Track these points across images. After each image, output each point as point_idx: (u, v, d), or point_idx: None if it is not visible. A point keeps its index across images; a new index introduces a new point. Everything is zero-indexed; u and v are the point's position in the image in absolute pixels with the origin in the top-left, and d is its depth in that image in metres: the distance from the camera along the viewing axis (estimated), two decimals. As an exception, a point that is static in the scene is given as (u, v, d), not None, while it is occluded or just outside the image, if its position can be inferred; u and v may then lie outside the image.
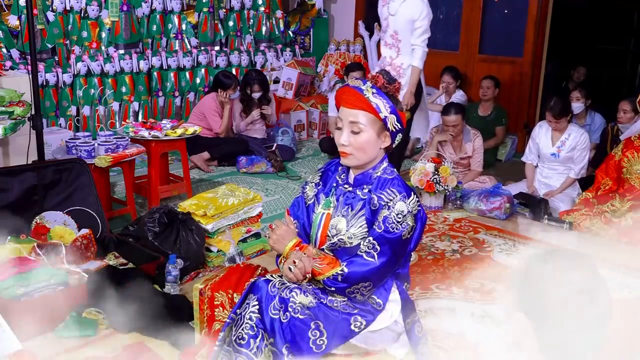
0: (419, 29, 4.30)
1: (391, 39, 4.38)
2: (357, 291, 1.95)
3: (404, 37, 4.34)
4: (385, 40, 4.46)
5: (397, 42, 4.35)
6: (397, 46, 4.37)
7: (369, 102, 1.94)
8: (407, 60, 4.38)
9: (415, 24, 4.28)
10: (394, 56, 4.42)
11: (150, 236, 3.19)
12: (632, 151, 4.08)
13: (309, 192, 2.13)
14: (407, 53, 4.38)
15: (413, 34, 4.31)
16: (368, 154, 1.98)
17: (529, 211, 4.31)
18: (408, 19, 4.27)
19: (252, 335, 1.91)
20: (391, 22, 4.35)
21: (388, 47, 4.44)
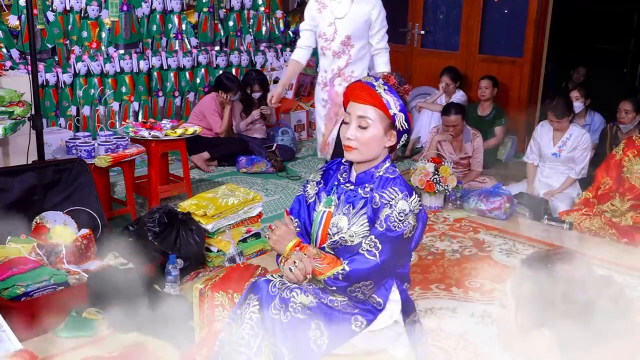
0: (381, 29, 3.79)
1: (341, 46, 3.74)
2: (358, 290, 1.94)
3: (358, 41, 3.76)
4: (331, 50, 3.77)
5: (349, 49, 3.75)
6: (347, 53, 3.75)
7: (380, 98, 1.94)
8: (359, 68, 3.81)
9: (373, 25, 3.75)
10: (342, 65, 3.78)
11: (150, 236, 3.19)
12: (633, 150, 4.08)
13: (310, 191, 2.13)
14: (359, 60, 3.81)
15: (372, 36, 3.78)
16: (372, 150, 1.98)
17: (529, 211, 4.31)
18: (364, 19, 3.72)
19: (253, 335, 1.91)
20: (340, 27, 3.71)
21: (335, 57, 3.78)
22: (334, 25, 3.71)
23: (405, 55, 7.03)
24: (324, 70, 3.86)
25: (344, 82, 3.72)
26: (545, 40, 6.12)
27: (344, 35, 3.72)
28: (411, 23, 6.93)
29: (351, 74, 3.77)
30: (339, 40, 3.73)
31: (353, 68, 3.78)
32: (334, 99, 3.76)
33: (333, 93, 3.76)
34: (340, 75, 3.78)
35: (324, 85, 3.84)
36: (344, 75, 3.78)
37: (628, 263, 3.58)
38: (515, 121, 6.24)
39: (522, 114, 6.25)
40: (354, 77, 3.72)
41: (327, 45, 3.76)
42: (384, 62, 3.82)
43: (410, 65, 6.96)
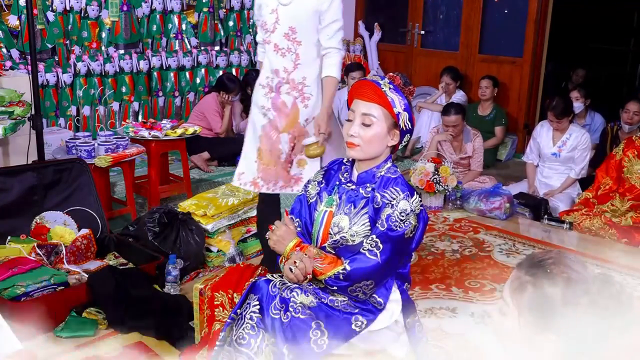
0: (333, 24, 2.94)
1: (285, 41, 2.93)
2: (359, 289, 1.94)
3: (306, 36, 2.94)
4: (272, 44, 2.96)
5: (295, 46, 2.94)
6: (294, 51, 2.94)
7: (386, 96, 1.95)
8: (311, 71, 2.97)
9: (324, 17, 2.93)
10: (289, 67, 2.95)
11: (150, 236, 3.19)
12: (633, 151, 4.08)
13: (312, 191, 2.13)
14: (309, 61, 2.97)
15: (321, 31, 2.95)
16: (375, 148, 1.98)
17: (529, 211, 4.31)
18: (313, 9, 2.91)
19: (253, 335, 1.90)
20: (283, 16, 2.93)
21: (280, 54, 2.95)
22: (276, 12, 2.94)
23: (405, 55, 7.03)
24: (268, 71, 3.02)
25: (293, 91, 2.94)
26: (545, 40, 6.13)
27: (286, 26, 2.92)
28: (411, 23, 6.94)
29: (302, 82, 2.94)
30: (281, 32, 2.93)
31: (304, 73, 2.94)
32: (280, 109, 2.96)
33: (279, 102, 2.96)
34: (289, 82, 2.95)
35: (269, 90, 3.00)
36: (293, 82, 2.94)
37: (628, 263, 3.58)
38: (515, 121, 6.25)
39: (522, 114, 6.26)
40: (306, 85, 2.94)
41: (268, 38, 2.98)
42: (333, 63, 2.94)
43: (410, 65, 6.97)
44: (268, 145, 2.98)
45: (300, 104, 2.95)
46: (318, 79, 2.98)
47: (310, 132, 2.95)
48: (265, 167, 3.00)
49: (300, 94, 2.96)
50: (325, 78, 2.95)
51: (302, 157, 2.97)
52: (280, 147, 2.97)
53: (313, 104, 2.96)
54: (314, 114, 2.95)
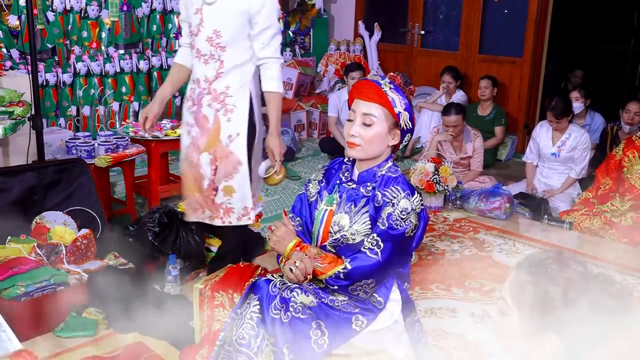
0: (268, 30, 2.59)
1: (207, 46, 2.57)
2: (359, 288, 1.95)
3: (232, 41, 2.57)
4: (197, 50, 2.62)
5: (219, 52, 2.57)
6: (218, 58, 2.58)
7: (386, 96, 1.95)
8: (235, 79, 2.61)
9: (256, 21, 2.57)
10: (211, 76, 2.60)
11: (150, 236, 3.19)
12: (633, 151, 4.08)
13: (312, 190, 2.13)
14: (234, 69, 2.61)
15: (254, 38, 2.59)
16: (375, 148, 1.99)
17: (529, 211, 4.31)
18: (240, 9, 2.54)
19: (253, 335, 1.91)
20: (208, 16, 2.56)
21: (202, 61, 2.60)
22: (201, 13, 2.56)
23: (405, 55, 7.03)
24: (192, 81, 2.69)
25: (214, 103, 2.60)
26: (545, 40, 6.13)
27: (210, 29, 2.55)
28: (411, 23, 6.94)
29: (225, 92, 2.59)
30: (204, 35, 2.57)
31: (227, 82, 2.59)
32: (201, 125, 2.62)
33: (200, 117, 2.61)
34: (210, 92, 2.59)
35: (192, 103, 2.67)
36: (214, 92, 2.59)
37: (628, 263, 3.58)
38: (515, 121, 6.25)
39: (522, 114, 6.26)
40: (228, 95, 2.60)
41: (192, 43, 2.64)
42: (273, 76, 2.62)
43: (410, 65, 6.97)
44: (189, 169, 2.66)
45: (222, 117, 2.58)
46: (244, 90, 2.61)
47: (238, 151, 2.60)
48: (190, 194, 2.70)
49: (222, 105, 2.59)
50: (267, 94, 2.61)
51: (229, 183, 2.62)
52: (202, 172, 2.61)
53: (237, 117, 2.59)
54: (239, 130, 2.59)
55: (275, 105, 2.63)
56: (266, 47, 2.59)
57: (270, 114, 2.64)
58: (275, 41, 2.61)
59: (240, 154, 2.63)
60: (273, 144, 2.60)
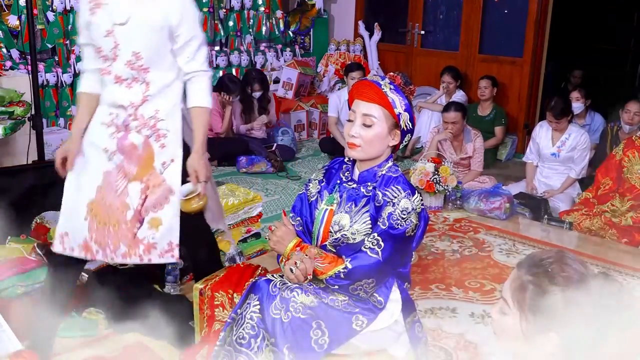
0: (192, 42, 2.38)
1: (129, 70, 2.31)
2: (360, 288, 1.95)
3: (155, 61, 2.33)
4: (113, 75, 2.33)
5: (143, 74, 2.32)
6: (142, 81, 2.33)
7: (386, 97, 1.95)
8: (165, 102, 2.37)
9: (178, 34, 2.34)
10: (137, 100, 2.34)
11: (150, 236, 3.18)
12: (633, 151, 4.08)
13: (312, 189, 2.13)
14: (162, 90, 2.37)
15: (179, 54, 2.38)
16: (376, 148, 1.99)
17: (529, 211, 4.31)
18: (159, 25, 2.29)
19: (253, 335, 1.91)
20: (122, 38, 2.28)
21: (124, 86, 2.33)
22: (113, 35, 2.29)
23: (405, 55, 7.03)
24: (112, 106, 2.36)
25: (144, 129, 2.35)
26: (545, 40, 6.13)
27: (128, 51, 2.29)
28: (411, 23, 6.94)
29: (155, 116, 2.35)
30: (123, 59, 2.30)
31: (156, 105, 2.35)
32: (129, 153, 2.35)
33: (127, 144, 2.35)
34: (137, 118, 2.34)
35: (116, 130, 2.36)
36: (142, 118, 2.34)
37: (628, 263, 3.58)
38: (515, 121, 6.25)
39: (522, 114, 6.26)
40: (159, 120, 2.36)
41: (107, 68, 2.33)
42: (201, 89, 2.42)
43: (411, 65, 6.97)
44: (109, 198, 2.33)
45: (154, 143, 2.35)
46: (175, 111, 2.39)
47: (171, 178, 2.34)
48: (102, 227, 2.34)
49: (154, 131, 2.35)
50: (194, 109, 2.39)
51: (157, 215, 2.34)
52: (128, 201, 2.33)
53: (171, 142, 2.37)
54: (173, 156, 2.37)
55: (202, 121, 2.40)
56: (191, 60, 2.38)
57: (196, 131, 2.40)
58: (201, 53, 2.41)
59: (173, 182, 2.36)
60: (197, 164, 2.33)
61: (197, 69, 2.40)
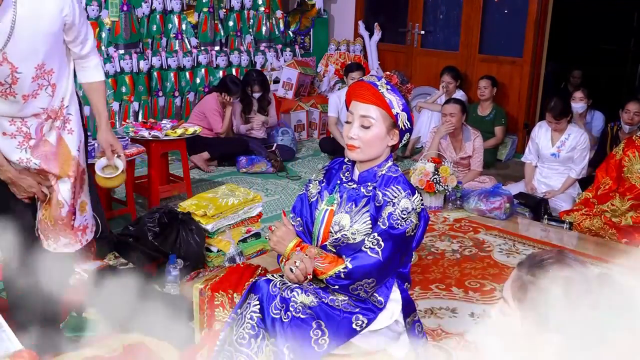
0: (82, 30, 2.29)
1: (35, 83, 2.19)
2: (360, 288, 1.95)
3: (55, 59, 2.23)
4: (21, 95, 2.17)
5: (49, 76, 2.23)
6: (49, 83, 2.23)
7: (383, 97, 1.95)
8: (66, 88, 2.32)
9: (72, 29, 2.24)
10: (45, 104, 2.25)
11: (150, 236, 3.19)
12: (633, 150, 4.08)
13: (313, 190, 2.13)
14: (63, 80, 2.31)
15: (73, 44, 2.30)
16: (375, 149, 1.99)
17: (529, 211, 4.31)
18: (52, 29, 2.15)
19: (253, 335, 1.91)
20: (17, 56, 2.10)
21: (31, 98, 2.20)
22: (6, 61, 2.08)
23: (405, 55, 7.03)
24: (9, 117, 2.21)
25: (55, 122, 2.29)
26: (545, 40, 6.13)
27: (30, 67, 2.14)
28: (411, 23, 6.94)
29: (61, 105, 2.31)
30: (27, 76, 2.14)
31: (62, 95, 2.31)
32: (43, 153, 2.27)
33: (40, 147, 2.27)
34: (49, 116, 2.27)
35: (24, 140, 2.24)
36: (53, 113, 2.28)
37: (628, 263, 3.58)
38: (515, 121, 6.25)
39: (522, 114, 6.26)
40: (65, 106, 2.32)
41: (10, 91, 2.15)
42: (94, 65, 2.42)
43: (411, 65, 6.97)
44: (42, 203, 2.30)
45: (64, 133, 2.30)
46: (73, 93, 2.35)
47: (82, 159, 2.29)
48: (42, 220, 2.32)
49: (63, 120, 2.30)
50: (91, 84, 2.36)
51: (82, 198, 2.35)
52: (60, 199, 2.29)
53: (75, 124, 2.32)
54: (81, 137, 2.32)
55: (102, 94, 2.41)
56: (85, 46, 2.34)
57: (99, 105, 2.38)
58: (90, 35, 2.34)
59: (83, 161, 2.35)
60: (112, 138, 2.30)
61: (89, 51, 2.37)
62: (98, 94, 2.40)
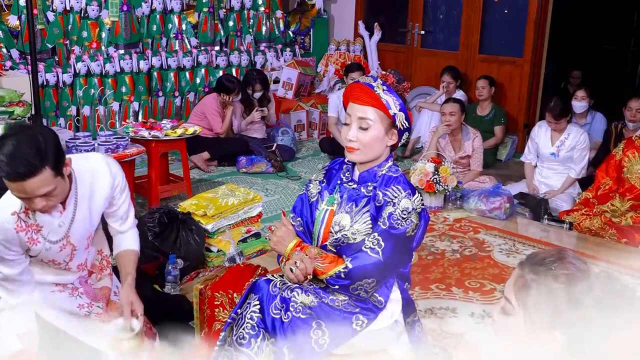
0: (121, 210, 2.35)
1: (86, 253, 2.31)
2: (360, 288, 1.95)
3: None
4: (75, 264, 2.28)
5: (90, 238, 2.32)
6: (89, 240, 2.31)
7: (380, 99, 1.94)
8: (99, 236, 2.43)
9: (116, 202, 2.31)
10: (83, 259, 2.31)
11: (150, 236, 3.19)
12: (633, 151, 4.08)
13: (313, 190, 2.13)
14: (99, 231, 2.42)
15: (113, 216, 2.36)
16: (375, 150, 1.99)
17: (529, 211, 4.31)
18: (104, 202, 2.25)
19: (253, 335, 1.91)
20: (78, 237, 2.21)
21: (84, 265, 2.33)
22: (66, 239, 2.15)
23: (405, 55, 7.03)
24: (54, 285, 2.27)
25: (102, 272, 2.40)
26: (545, 40, 6.13)
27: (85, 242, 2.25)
28: (411, 23, 6.94)
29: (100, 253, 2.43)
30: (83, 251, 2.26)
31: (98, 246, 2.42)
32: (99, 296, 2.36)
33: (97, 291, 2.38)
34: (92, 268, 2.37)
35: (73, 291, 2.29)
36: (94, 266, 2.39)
37: (628, 263, 3.58)
38: (515, 121, 6.25)
39: (522, 113, 6.26)
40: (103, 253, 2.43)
41: (66, 267, 2.24)
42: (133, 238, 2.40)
43: (411, 65, 6.97)
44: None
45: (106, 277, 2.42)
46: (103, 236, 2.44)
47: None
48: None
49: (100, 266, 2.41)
50: (126, 251, 2.35)
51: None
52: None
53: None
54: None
55: (134, 259, 2.36)
56: (124, 222, 2.37)
57: (127, 267, 2.32)
58: (132, 212, 2.37)
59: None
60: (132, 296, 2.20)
61: (130, 227, 2.39)
62: (129, 259, 2.36)
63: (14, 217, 2.02)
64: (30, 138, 1.87)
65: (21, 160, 1.83)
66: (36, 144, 1.87)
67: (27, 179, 1.85)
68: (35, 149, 1.86)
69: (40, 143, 1.87)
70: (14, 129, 1.94)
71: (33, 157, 1.85)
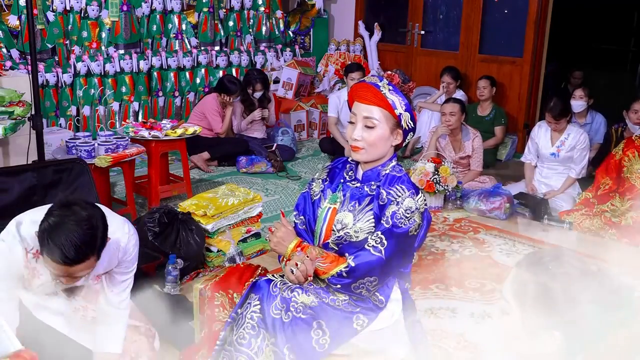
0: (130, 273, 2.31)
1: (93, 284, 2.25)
2: (362, 286, 1.95)
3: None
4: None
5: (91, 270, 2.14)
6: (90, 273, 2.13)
7: (385, 98, 1.94)
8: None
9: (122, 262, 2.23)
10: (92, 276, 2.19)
11: (150, 236, 3.19)
12: (633, 150, 4.08)
13: (316, 188, 2.13)
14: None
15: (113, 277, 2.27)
16: (379, 149, 1.99)
17: (529, 211, 4.31)
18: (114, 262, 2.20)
19: (254, 335, 1.91)
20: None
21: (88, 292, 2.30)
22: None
23: (406, 55, 7.03)
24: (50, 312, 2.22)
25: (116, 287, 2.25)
26: (545, 40, 6.13)
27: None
28: (411, 23, 6.94)
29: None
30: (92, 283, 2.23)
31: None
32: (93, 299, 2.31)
33: (92, 293, 2.31)
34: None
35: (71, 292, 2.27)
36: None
37: (628, 263, 3.58)
38: (515, 121, 6.25)
39: (522, 114, 6.26)
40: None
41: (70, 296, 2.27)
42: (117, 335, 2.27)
43: (411, 65, 6.97)
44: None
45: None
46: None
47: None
48: None
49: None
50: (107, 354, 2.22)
51: None
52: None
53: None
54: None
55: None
56: (122, 291, 2.27)
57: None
58: (130, 288, 2.30)
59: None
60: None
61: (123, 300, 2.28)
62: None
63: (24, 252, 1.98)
64: (84, 222, 1.79)
65: (74, 247, 1.76)
66: (90, 230, 1.79)
67: (73, 266, 1.82)
68: (90, 237, 1.79)
69: (95, 230, 1.81)
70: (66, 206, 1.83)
71: (86, 245, 1.78)
